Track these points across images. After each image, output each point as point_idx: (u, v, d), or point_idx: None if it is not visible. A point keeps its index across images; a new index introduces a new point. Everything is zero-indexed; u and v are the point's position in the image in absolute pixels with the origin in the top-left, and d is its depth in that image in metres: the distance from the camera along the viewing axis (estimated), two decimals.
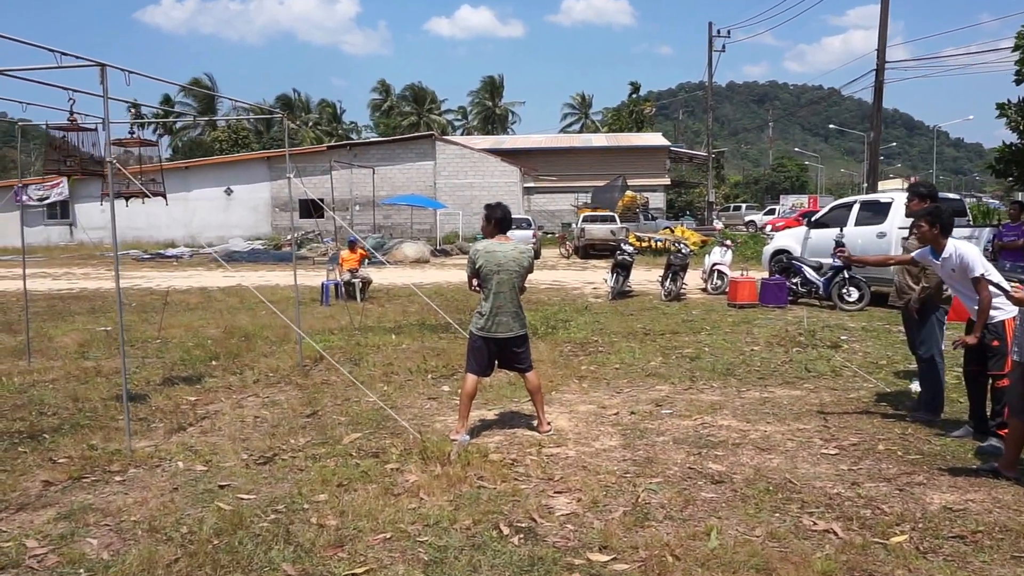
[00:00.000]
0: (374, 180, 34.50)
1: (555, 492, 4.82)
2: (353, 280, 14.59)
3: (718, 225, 36.98)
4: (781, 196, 58.27)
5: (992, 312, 5.35)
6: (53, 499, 4.85)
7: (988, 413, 5.71)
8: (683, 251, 14.76)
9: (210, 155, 48.72)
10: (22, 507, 4.72)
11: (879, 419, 6.31)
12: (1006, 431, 5.18)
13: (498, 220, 5.92)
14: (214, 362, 9.07)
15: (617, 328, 11.07)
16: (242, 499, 4.77)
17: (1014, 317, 5.03)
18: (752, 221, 45.94)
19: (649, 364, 8.61)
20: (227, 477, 5.17)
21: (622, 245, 15.50)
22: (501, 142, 50.78)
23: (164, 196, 7.75)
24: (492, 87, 76.69)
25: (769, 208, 52.00)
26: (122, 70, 5.80)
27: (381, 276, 19.28)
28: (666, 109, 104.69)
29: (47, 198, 33.79)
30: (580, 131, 71.59)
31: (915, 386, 7.00)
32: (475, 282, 5.92)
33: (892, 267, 6.92)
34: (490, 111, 76.16)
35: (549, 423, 6.14)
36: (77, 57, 5.38)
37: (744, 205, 58.41)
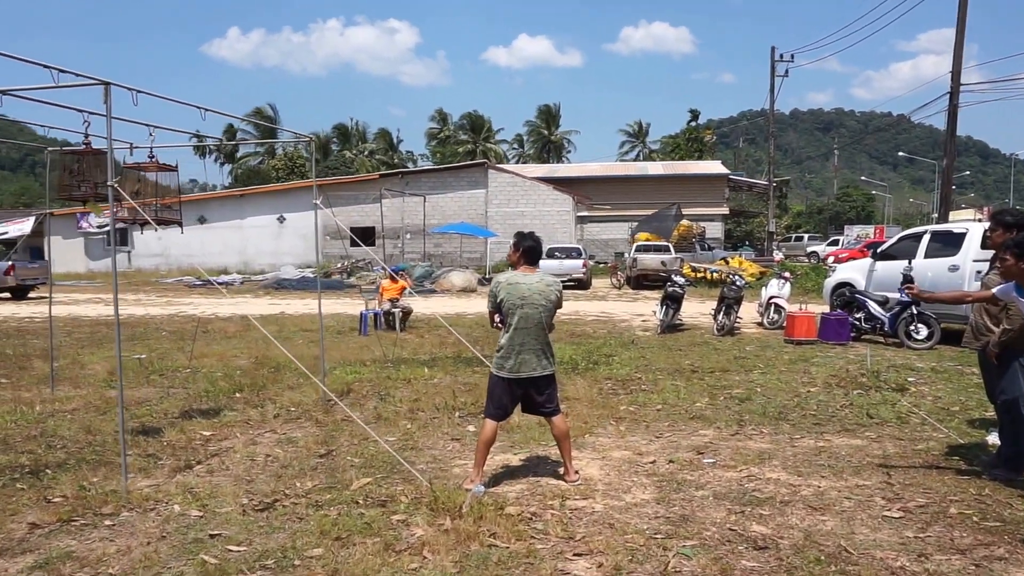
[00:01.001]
0: (425, 208, 34.52)
1: (574, 554, 4.27)
2: (393, 310, 14.28)
3: (777, 256, 35.91)
4: (846, 226, 56.58)
5: None
6: (36, 544, 4.53)
7: None
8: (737, 283, 14.02)
9: (267, 183, 49.65)
10: (1, 552, 4.39)
11: (951, 476, 5.57)
12: None
13: (527, 250, 5.43)
14: (238, 394, 8.78)
15: (663, 364, 10.43)
16: (230, 551, 4.37)
17: None
18: (814, 252, 44.55)
19: (694, 405, 7.97)
20: (221, 525, 4.78)
21: (672, 276, 14.85)
22: (555, 170, 50.54)
23: (180, 224, 7.51)
24: (548, 116, 76.78)
25: (832, 239, 50.41)
26: (128, 88, 5.56)
27: (425, 305, 19.00)
28: (727, 137, 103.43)
29: (107, 225, 34.84)
30: (637, 159, 70.96)
31: (992, 438, 6.23)
32: (497, 318, 5.44)
33: (968, 305, 6.20)
34: (546, 140, 76.18)
35: (577, 471, 5.59)
36: (77, 75, 5.14)
37: (806, 235, 56.86)
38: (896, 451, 6.29)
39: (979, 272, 8.84)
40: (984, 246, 10.88)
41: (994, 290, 5.24)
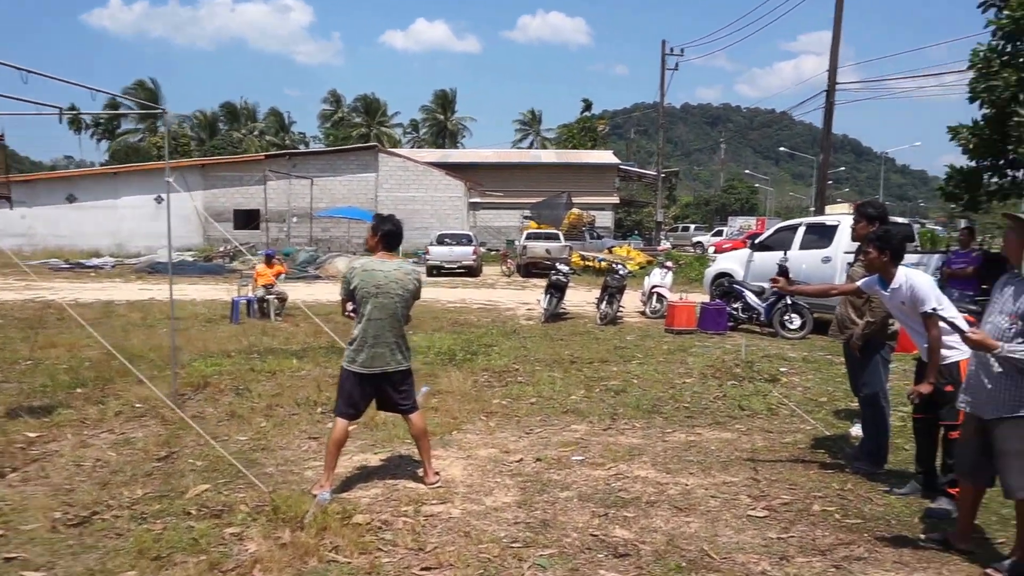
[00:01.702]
0: (312, 191, 33.30)
1: (422, 568, 3.92)
2: (267, 297, 13.52)
3: (665, 245, 36.62)
4: (729, 217, 58.39)
5: (945, 352, 4.61)
6: None
7: (938, 467, 4.98)
8: (620, 272, 13.99)
9: (148, 161, 46.88)
10: None
11: (815, 470, 5.53)
12: (957, 490, 4.45)
13: (385, 234, 4.99)
14: (79, 389, 7.97)
15: (543, 355, 10.21)
16: None
17: (969, 359, 4.27)
18: (700, 242, 45.78)
19: (569, 399, 7.75)
20: (22, 545, 4.18)
21: (557, 265, 14.69)
22: (448, 156, 49.87)
23: (8, 200, 6.69)
24: (444, 101, 75.87)
25: (717, 229, 51.97)
26: None
27: (308, 292, 18.23)
28: (620, 128, 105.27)
29: None
30: (531, 148, 71.12)
31: (855, 429, 6.27)
32: (349, 306, 5.01)
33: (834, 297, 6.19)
34: (442, 125, 75.30)
35: (437, 473, 5.24)
36: None
37: (693, 226, 58.40)
38: (764, 444, 6.24)
39: (849, 264, 9.03)
40: (854, 238, 11.17)
41: (858, 283, 5.20)
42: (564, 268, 14.37)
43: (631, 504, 4.83)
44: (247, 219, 34.51)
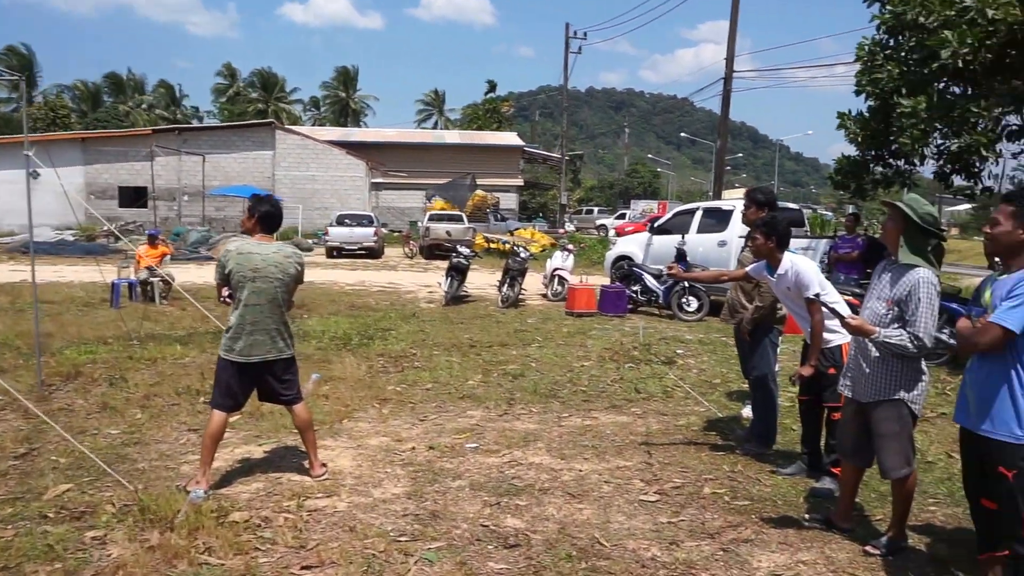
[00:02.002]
0: (204, 169, 31.84)
1: (302, 567, 3.71)
2: (151, 279, 12.80)
3: (569, 228, 36.92)
4: (632, 201, 59.41)
5: (827, 336, 4.72)
6: None
7: (823, 447, 5.10)
8: (521, 255, 13.94)
9: (20, 133, 43.83)
10: None
11: (707, 453, 5.58)
12: (840, 469, 4.55)
13: (263, 216, 4.69)
14: None
15: (442, 339, 10.03)
16: None
17: (849, 343, 4.36)
18: (603, 225, 46.39)
19: (466, 384, 7.61)
20: None
21: (457, 247, 14.52)
22: (349, 135, 48.63)
23: None
24: (346, 78, 73.93)
25: (620, 212, 52.80)
26: None
27: (198, 274, 17.47)
28: (526, 111, 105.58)
29: None
30: (435, 128, 70.34)
31: (746, 411, 6.39)
32: (225, 291, 4.70)
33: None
34: (344, 103, 73.45)
35: (324, 465, 5.01)
36: None
37: (596, 209, 59.17)
38: (659, 427, 6.28)
39: (742, 248, 9.22)
40: (744, 222, 11.44)
41: (747, 268, 5.26)
42: (465, 251, 14.22)
43: (524, 492, 4.73)
44: (134, 197, 32.75)
